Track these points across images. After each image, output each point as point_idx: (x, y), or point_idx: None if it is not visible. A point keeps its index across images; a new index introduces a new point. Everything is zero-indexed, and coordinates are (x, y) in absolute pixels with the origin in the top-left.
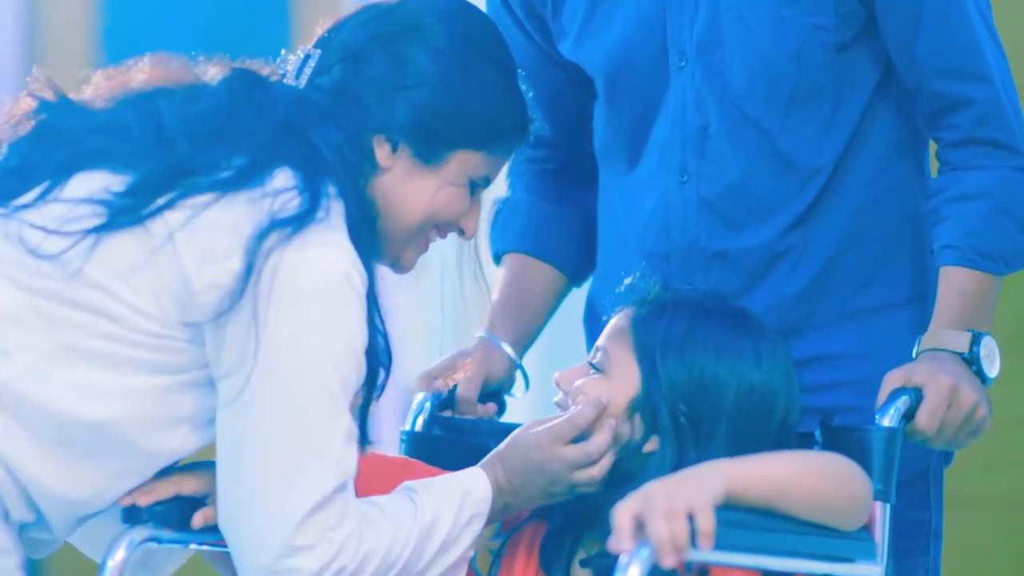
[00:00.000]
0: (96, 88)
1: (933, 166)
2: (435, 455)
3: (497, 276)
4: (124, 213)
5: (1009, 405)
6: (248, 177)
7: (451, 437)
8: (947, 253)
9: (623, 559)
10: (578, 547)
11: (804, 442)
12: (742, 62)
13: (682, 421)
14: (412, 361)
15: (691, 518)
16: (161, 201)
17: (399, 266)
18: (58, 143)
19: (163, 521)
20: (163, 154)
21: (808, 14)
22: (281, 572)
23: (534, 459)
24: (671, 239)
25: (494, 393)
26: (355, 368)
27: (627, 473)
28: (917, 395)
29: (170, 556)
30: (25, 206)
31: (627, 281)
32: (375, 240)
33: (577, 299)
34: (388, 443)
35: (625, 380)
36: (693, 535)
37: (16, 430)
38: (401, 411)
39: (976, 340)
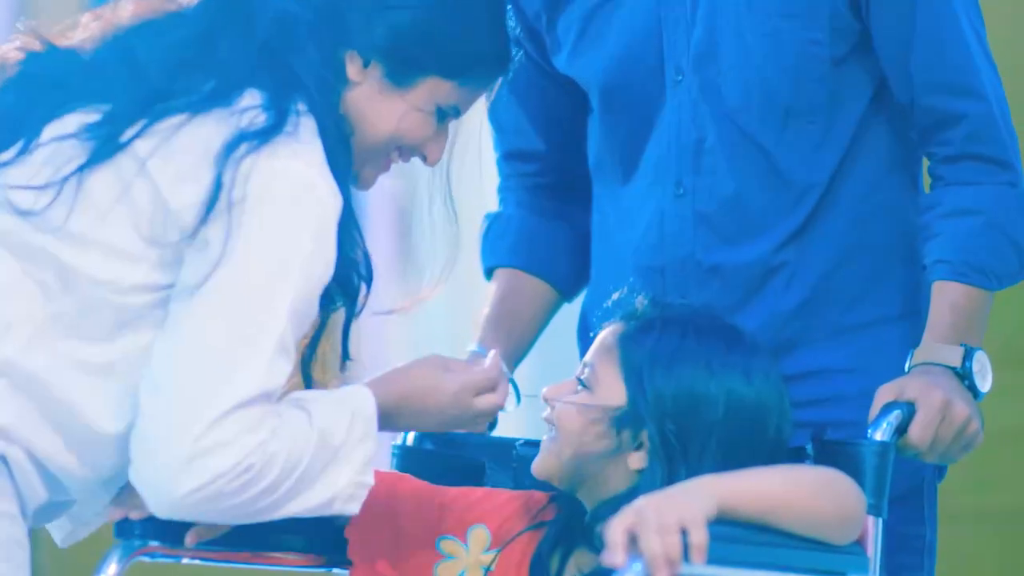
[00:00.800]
0: (85, 30)
1: (926, 183)
2: (426, 469)
3: (488, 291)
4: (102, 143)
5: (999, 419)
6: (217, 98)
7: (442, 451)
8: (940, 268)
9: (617, 574)
10: (567, 562)
11: (796, 456)
12: (738, 76)
13: (671, 439)
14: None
15: (684, 532)
16: (136, 128)
17: (358, 182)
18: (42, 91)
19: (155, 535)
20: (137, 85)
21: (804, 28)
22: (195, 470)
23: (434, 399)
24: (666, 253)
25: None
26: (314, 281)
27: (617, 490)
28: (910, 409)
29: (94, 512)
30: (6, 163)
31: (615, 296)
32: (350, 154)
33: (568, 313)
34: (380, 458)
35: (611, 396)
36: (686, 549)
37: (28, 407)
38: None
39: (969, 355)
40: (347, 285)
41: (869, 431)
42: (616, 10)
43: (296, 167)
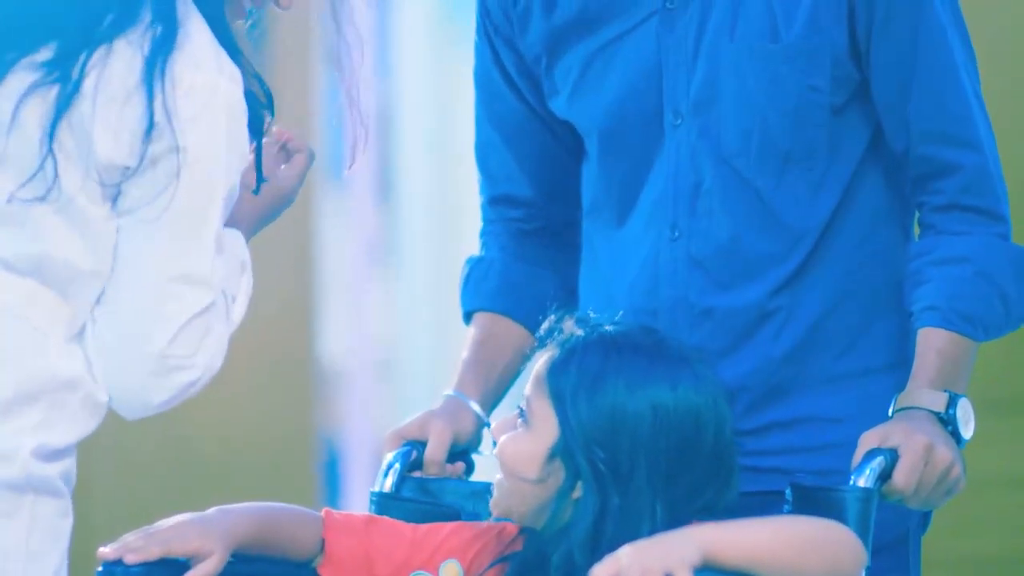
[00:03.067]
0: None
1: (917, 232)
2: (404, 516)
3: (467, 335)
4: (60, 90)
5: (979, 466)
6: (123, 20)
7: (419, 499)
8: (928, 315)
9: None
10: None
11: (775, 501)
12: (737, 120)
13: (600, 467)
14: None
15: None
16: (79, 64)
17: None
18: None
19: None
20: (79, 12)
21: (805, 75)
22: (164, 384)
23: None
24: (659, 296)
25: (462, 452)
26: (237, 162)
27: (560, 522)
28: (893, 456)
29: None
30: None
31: (545, 325)
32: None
33: None
34: (360, 504)
35: (546, 429)
36: None
37: (92, 414)
38: (372, 471)
39: (953, 401)
40: (253, 120)
41: (852, 477)
42: (616, 53)
43: (200, 78)
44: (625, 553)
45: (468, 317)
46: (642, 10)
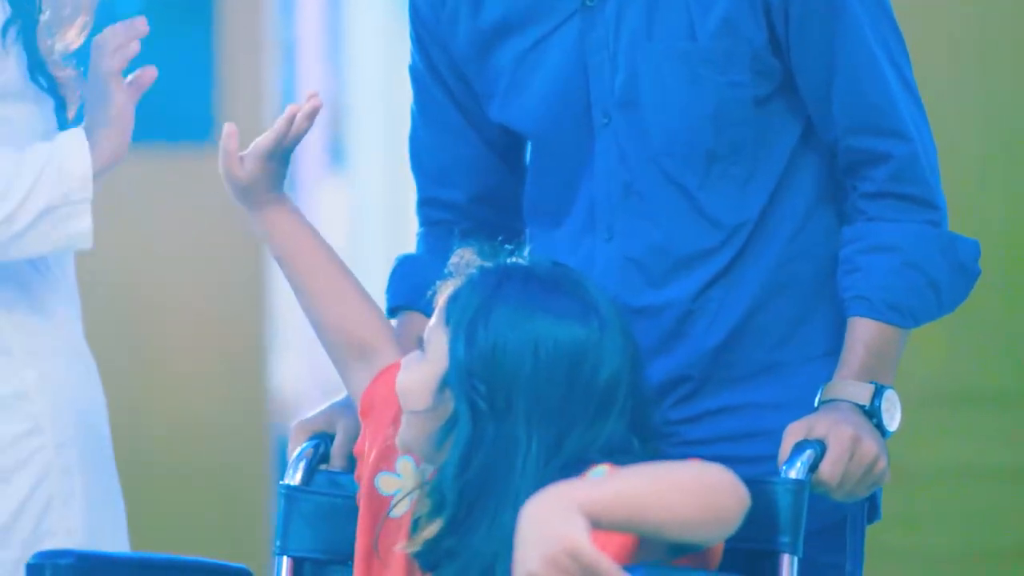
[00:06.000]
0: None
1: None
2: (314, 510)
3: None
4: None
5: (929, 459)
6: None
7: (330, 491)
8: (857, 304)
9: None
10: None
11: None
12: (660, 120)
13: (478, 400)
14: None
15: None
16: None
17: None
18: None
19: None
20: None
21: (723, 73)
22: None
23: None
24: None
25: None
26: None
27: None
28: (822, 447)
29: None
30: None
31: (453, 260)
32: None
33: None
34: None
35: (439, 358)
36: None
37: None
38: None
39: (879, 393)
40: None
41: (783, 469)
42: (543, 54)
43: None
44: (522, 561)
45: (392, 313)
46: (565, 9)
